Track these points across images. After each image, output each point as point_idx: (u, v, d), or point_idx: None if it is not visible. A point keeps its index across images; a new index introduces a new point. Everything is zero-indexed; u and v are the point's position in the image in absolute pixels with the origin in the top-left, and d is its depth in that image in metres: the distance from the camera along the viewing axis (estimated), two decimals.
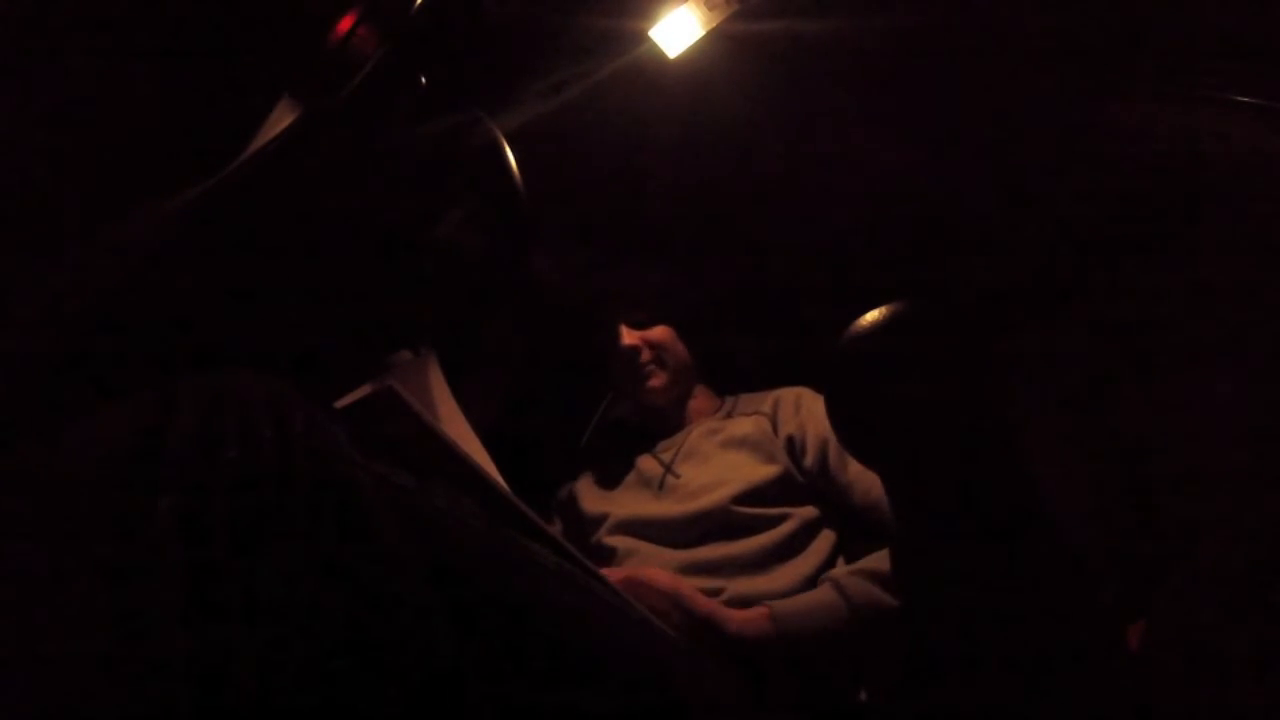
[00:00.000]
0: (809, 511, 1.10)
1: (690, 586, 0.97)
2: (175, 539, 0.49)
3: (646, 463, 1.23)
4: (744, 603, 0.98)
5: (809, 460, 1.14)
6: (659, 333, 1.30)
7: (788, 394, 1.25)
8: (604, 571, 0.84)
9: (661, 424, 1.30)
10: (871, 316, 0.77)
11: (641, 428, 1.33)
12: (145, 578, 0.49)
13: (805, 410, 1.20)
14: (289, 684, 0.50)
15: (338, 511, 0.55)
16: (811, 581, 1.03)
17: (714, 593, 0.99)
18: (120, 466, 0.52)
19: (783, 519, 1.07)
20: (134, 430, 0.53)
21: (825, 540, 1.09)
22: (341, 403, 0.70)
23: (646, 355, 1.27)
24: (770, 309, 1.51)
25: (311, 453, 0.55)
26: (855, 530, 1.12)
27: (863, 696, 0.97)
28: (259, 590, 0.50)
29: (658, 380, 1.27)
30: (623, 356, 1.27)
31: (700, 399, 1.32)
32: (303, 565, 0.52)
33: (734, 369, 1.39)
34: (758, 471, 1.11)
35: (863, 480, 1.09)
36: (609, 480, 1.25)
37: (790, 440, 1.17)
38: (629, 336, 1.28)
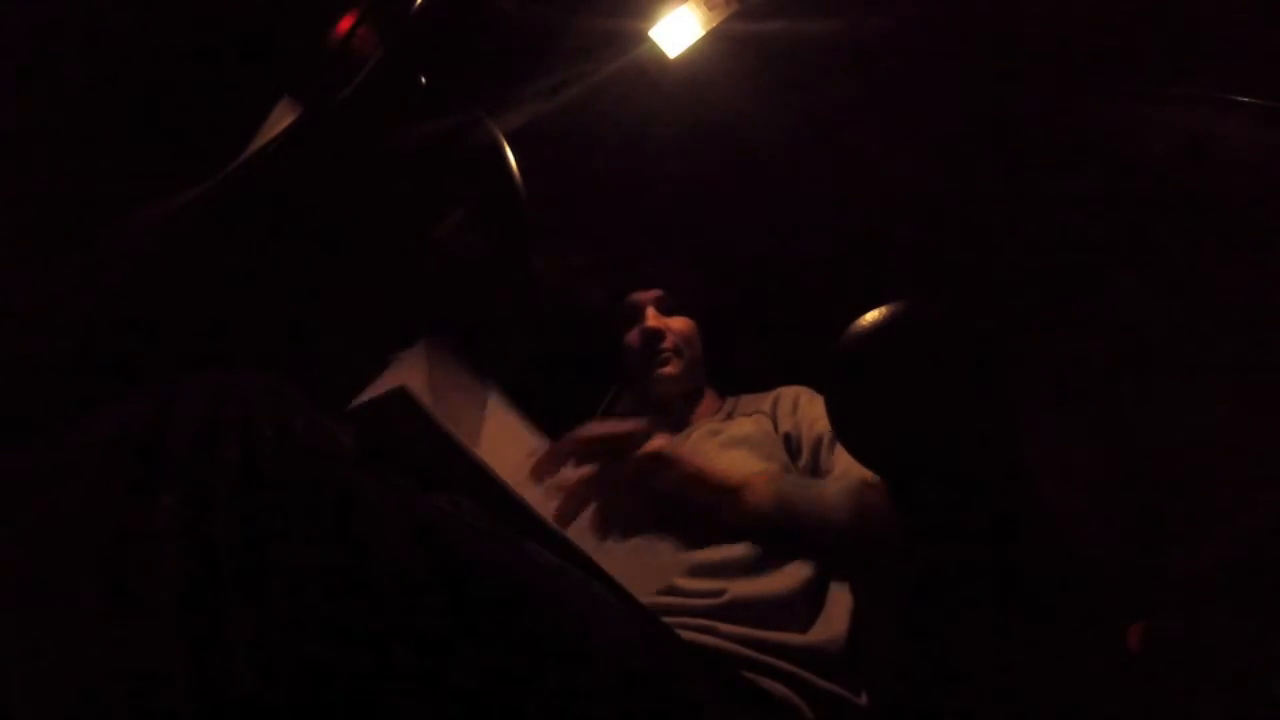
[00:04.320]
0: None
1: (681, 452, 0.96)
2: (175, 539, 0.49)
3: None
4: (745, 605, 0.97)
5: (803, 459, 1.14)
6: (682, 323, 1.30)
7: (787, 392, 1.25)
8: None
9: (665, 422, 1.29)
10: (871, 317, 0.77)
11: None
12: (144, 578, 0.49)
13: (803, 409, 1.20)
14: (288, 685, 0.50)
15: (337, 513, 0.55)
16: (812, 583, 1.03)
17: (715, 594, 0.99)
18: (120, 466, 0.52)
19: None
20: (134, 430, 0.53)
21: None
22: (355, 402, 0.70)
23: (669, 341, 1.27)
24: (770, 309, 1.51)
25: (311, 453, 0.55)
26: None
27: (863, 699, 0.97)
28: (258, 591, 0.50)
29: (672, 368, 1.26)
30: (644, 337, 1.27)
31: (705, 402, 1.32)
32: (302, 566, 0.52)
33: (734, 370, 1.39)
34: (758, 470, 1.11)
35: (847, 477, 1.09)
36: None
37: (787, 438, 1.17)
38: (654, 319, 1.28)
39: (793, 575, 1.03)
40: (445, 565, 0.57)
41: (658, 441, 0.94)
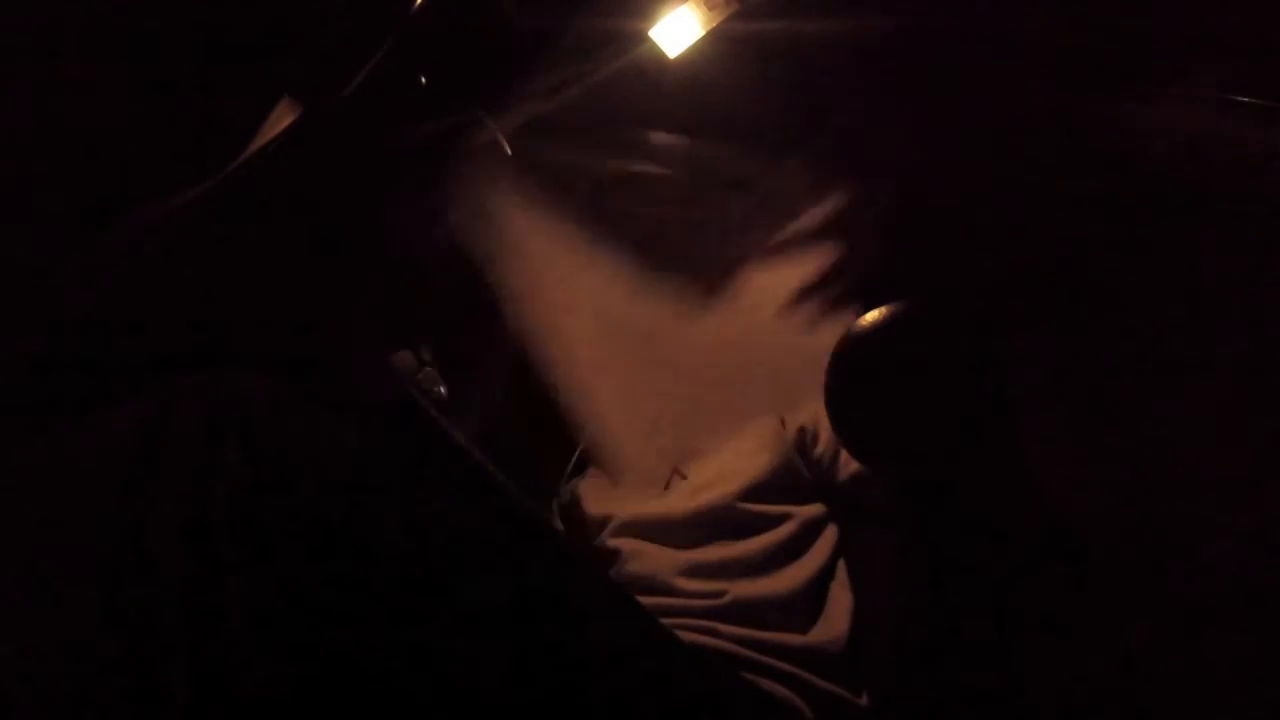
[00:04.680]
0: (812, 510, 1.10)
1: None
2: (176, 541, 0.49)
3: None
4: (745, 606, 0.97)
5: (820, 447, 1.14)
6: None
7: None
8: None
9: None
10: (872, 317, 0.77)
11: None
12: (146, 578, 0.49)
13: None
14: (289, 685, 0.50)
15: (338, 513, 0.55)
16: (813, 584, 1.03)
17: (716, 595, 0.99)
18: (121, 468, 0.52)
19: (785, 519, 1.07)
20: (134, 431, 0.53)
21: (827, 541, 1.09)
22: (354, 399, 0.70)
23: None
24: None
25: (311, 455, 0.55)
26: (858, 525, 1.13)
27: (864, 700, 0.97)
28: (259, 592, 0.50)
29: None
30: None
31: None
32: (303, 567, 0.52)
33: None
34: (763, 469, 1.11)
35: None
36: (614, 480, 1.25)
37: (802, 431, 1.17)
38: None
39: (793, 576, 1.03)
40: (447, 567, 0.57)
41: None
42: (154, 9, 0.80)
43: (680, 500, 1.11)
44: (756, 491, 1.08)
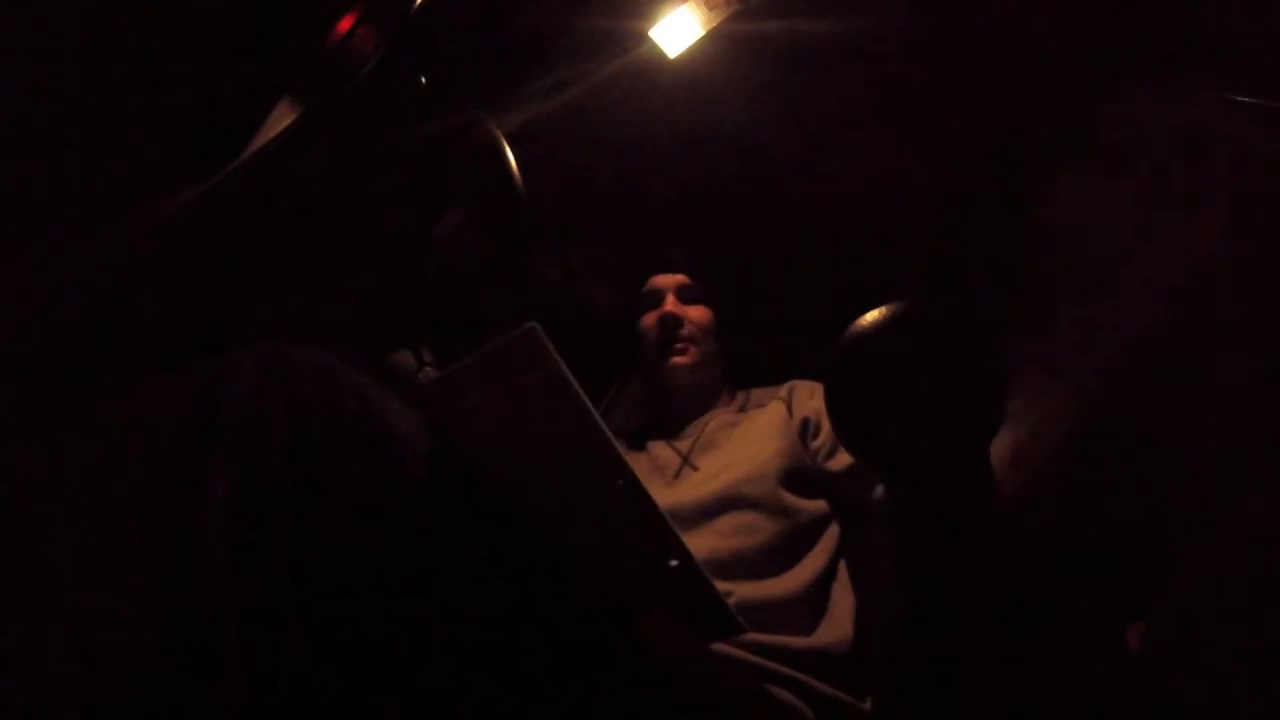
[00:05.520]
0: (816, 506, 1.10)
1: None
2: (226, 520, 0.50)
3: (662, 451, 1.22)
4: (749, 609, 0.97)
5: (820, 439, 1.14)
6: (701, 312, 1.28)
7: (803, 381, 1.26)
8: None
9: (672, 415, 1.29)
10: (871, 316, 0.77)
11: (651, 422, 1.32)
12: (196, 554, 0.50)
13: (819, 395, 1.20)
14: (336, 659, 0.51)
15: (386, 492, 0.55)
16: (816, 586, 1.03)
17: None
18: (170, 448, 0.53)
19: (788, 514, 1.07)
20: (189, 400, 0.54)
21: (829, 540, 1.09)
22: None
23: (685, 329, 1.26)
24: (769, 308, 1.51)
25: (362, 430, 0.56)
26: (858, 525, 1.13)
27: (867, 704, 0.97)
28: (306, 567, 0.51)
29: (687, 358, 1.25)
30: (661, 323, 1.25)
31: (718, 394, 1.32)
32: (350, 544, 0.53)
33: (736, 369, 1.39)
34: (769, 455, 1.11)
35: None
36: None
37: (805, 422, 1.17)
38: (673, 304, 1.27)
39: (797, 578, 1.02)
40: (490, 544, 0.58)
41: None
42: (154, 8, 0.80)
43: (689, 489, 1.11)
44: (763, 478, 1.08)
